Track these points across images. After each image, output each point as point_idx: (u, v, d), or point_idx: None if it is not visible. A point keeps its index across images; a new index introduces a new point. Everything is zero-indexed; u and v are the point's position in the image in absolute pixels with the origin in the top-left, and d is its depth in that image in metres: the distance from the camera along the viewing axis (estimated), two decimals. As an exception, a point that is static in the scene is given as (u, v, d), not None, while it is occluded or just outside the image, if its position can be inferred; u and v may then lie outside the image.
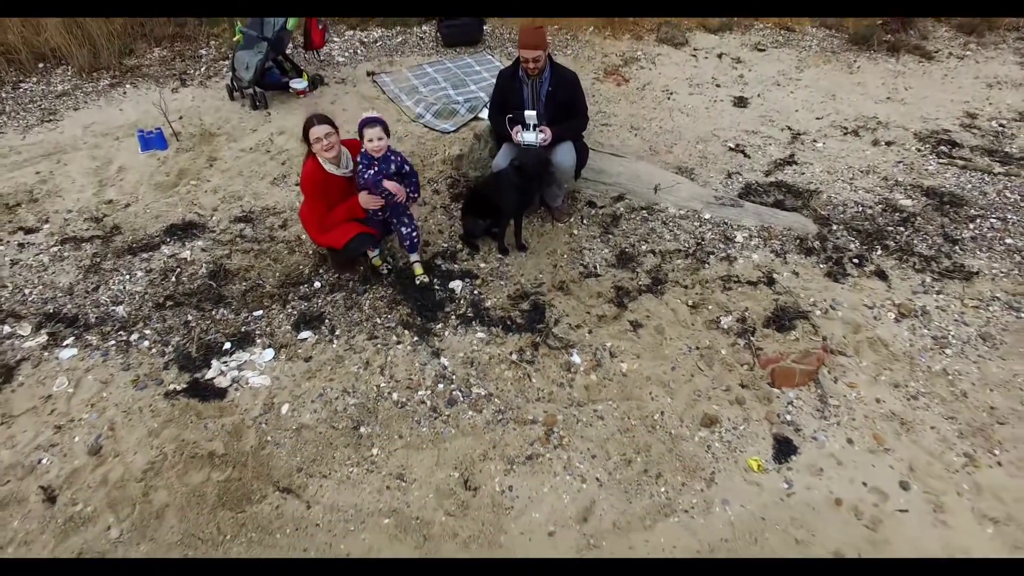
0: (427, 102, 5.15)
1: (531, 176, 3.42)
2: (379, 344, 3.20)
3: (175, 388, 2.98)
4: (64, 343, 3.21)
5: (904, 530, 2.45)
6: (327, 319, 3.34)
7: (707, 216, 3.98)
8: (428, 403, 2.93)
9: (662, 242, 3.82)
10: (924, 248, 3.71)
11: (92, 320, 3.34)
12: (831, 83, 5.46)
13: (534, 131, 3.49)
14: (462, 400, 2.94)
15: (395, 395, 2.97)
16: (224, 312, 3.39)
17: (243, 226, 4.00)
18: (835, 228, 3.88)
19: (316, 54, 5.80)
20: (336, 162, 3.14)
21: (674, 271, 3.61)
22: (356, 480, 2.64)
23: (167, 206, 4.18)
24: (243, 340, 3.22)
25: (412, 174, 3.33)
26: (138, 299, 3.47)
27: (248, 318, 3.35)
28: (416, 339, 3.23)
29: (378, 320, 3.34)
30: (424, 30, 6.35)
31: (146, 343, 3.21)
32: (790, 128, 4.89)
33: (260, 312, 3.38)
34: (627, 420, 2.86)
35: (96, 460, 2.68)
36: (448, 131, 4.88)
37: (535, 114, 3.48)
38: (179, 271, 3.65)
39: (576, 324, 3.30)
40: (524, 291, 3.50)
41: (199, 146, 4.76)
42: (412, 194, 3.37)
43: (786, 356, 3.08)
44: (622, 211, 4.05)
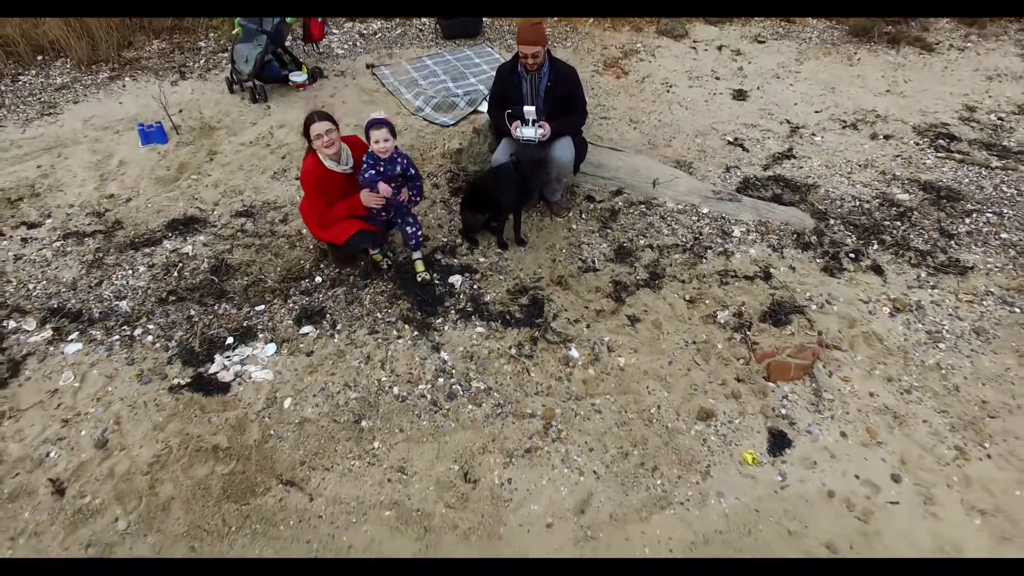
0: (426, 95, 5.16)
1: (529, 174, 3.44)
2: (380, 339, 3.24)
3: (179, 383, 3.02)
4: (69, 338, 3.25)
5: (895, 522, 2.50)
6: (328, 314, 3.38)
7: (705, 211, 4.00)
8: (428, 397, 2.98)
9: (660, 237, 3.84)
10: (920, 243, 3.73)
11: (96, 315, 3.38)
12: (831, 75, 5.46)
13: (533, 126, 3.51)
14: (462, 394, 2.99)
15: (396, 389, 3.01)
16: (226, 307, 3.43)
17: (244, 221, 4.03)
18: (832, 223, 3.91)
19: (315, 47, 5.79)
20: (336, 159, 3.16)
21: (672, 266, 3.64)
22: (358, 473, 2.69)
23: (168, 200, 4.21)
24: (245, 335, 3.26)
25: (416, 177, 3.35)
26: (141, 294, 3.51)
27: (250, 313, 3.39)
28: (416, 334, 3.27)
29: (379, 315, 3.38)
30: (423, 22, 6.32)
31: (150, 338, 3.25)
32: (789, 121, 4.90)
33: (262, 307, 3.42)
34: (624, 414, 2.90)
35: (103, 453, 2.73)
36: (447, 124, 4.89)
37: (534, 109, 3.49)
38: (181, 266, 3.69)
39: (574, 319, 3.34)
40: (523, 286, 3.53)
41: (199, 140, 4.78)
42: (415, 197, 3.39)
43: (782, 351, 3.12)
44: (620, 205, 4.08)
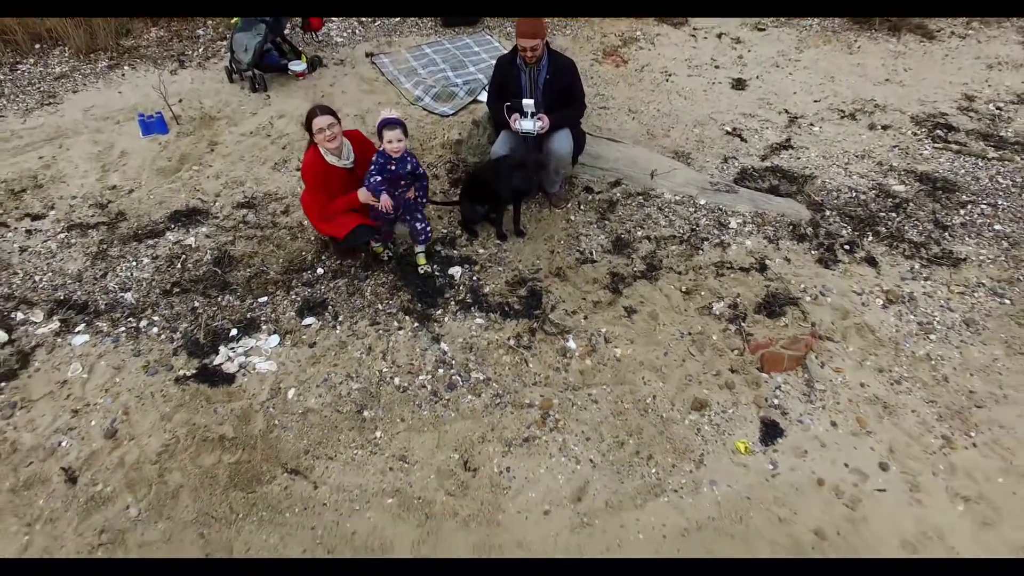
0: (426, 84, 5.16)
1: (525, 176, 3.49)
2: (381, 330, 3.31)
3: (185, 374, 3.09)
4: (76, 329, 3.31)
5: (881, 509, 2.58)
6: (330, 305, 3.44)
7: (702, 202, 4.04)
8: (429, 387, 3.05)
9: (657, 228, 3.89)
10: (915, 234, 3.77)
11: (102, 307, 3.44)
12: (830, 64, 5.45)
13: (532, 119, 3.53)
14: (461, 384, 3.06)
15: (397, 380, 3.08)
16: (230, 298, 3.48)
17: (246, 212, 4.07)
18: (828, 214, 3.94)
19: (314, 35, 5.78)
20: (337, 153, 3.19)
21: (668, 257, 3.69)
22: (360, 462, 2.76)
23: (170, 192, 4.24)
24: (249, 326, 3.32)
25: (423, 176, 3.42)
26: (145, 286, 3.57)
27: (253, 304, 3.45)
28: (417, 325, 3.33)
29: (380, 306, 3.43)
30: (422, 9, 6.29)
31: (155, 329, 3.32)
32: (787, 111, 4.91)
33: (265, 298, 3.48)
34: (620, 404, 2.97)
35: (112, 443, 2.81)
36: (447, 114, 4.90)
37: (533, 102, 3.52)
38: (184, 258, 3.74)
39: (572, 310, 3.40)
40: (522, 277, 3.59)
41: (199, 130, 4.79)
42: (421, 197, 3.46)
43: (775, 342, 3.18)
44: (619, 197, 4.11)
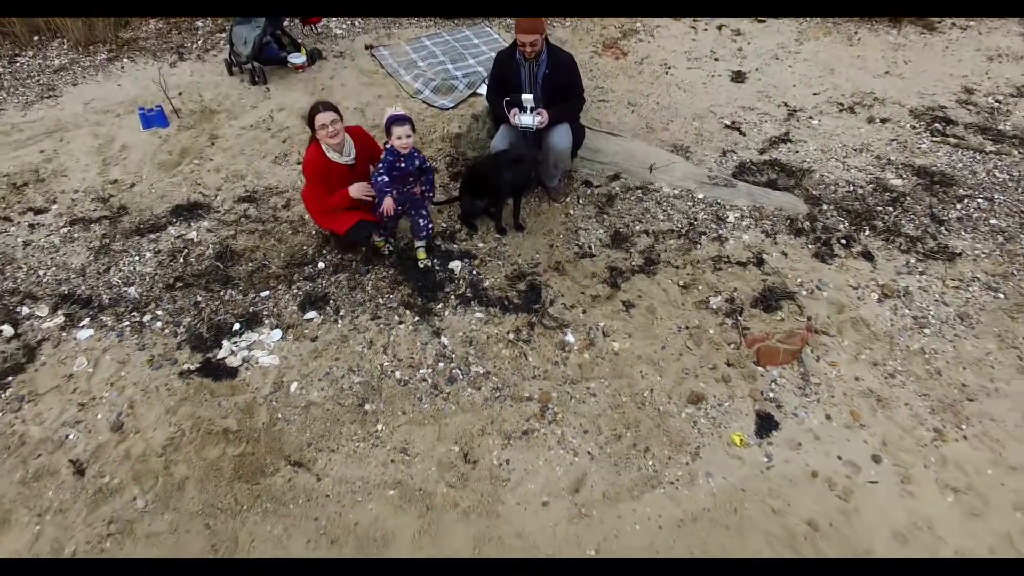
0: (425, 77, 5.16)
1: (524, 171, 3.51)
2: (382, 324, 3.35)
3: (189, 368, 3.13)
4: (81, 324, 3.35)
5: (873, 500, 2.63)
6: (332, 299, 3.47)
7: (700, 196, 4.06)
8: (429, 381, 3.09)
9: (656, 222, 3.91)
10: (911, 229, 3.80)
11: (106, 301, 3.48)
12: (830, 56, 5.44)
13: (531, 114, 3.55)
14: (461, 378, 3.10)
15: (398, 373, 3.12)
16: (232, 293, 3.52)
17: (247, 206, 4.09)
18: (825, 208, 3.97)
19: (313, 28, 5.76)
20: (339, 149, 3.21)
21: (666, 251, 3.72)
22: (362, 454, 2.82)
23: (171, 186, 4.27)
24: (251, 320, 3.36)
25: (429, 171, 3.47)
26: (148, 280, 3.60)
27: (255, 299, 3.49)
28: (417, 319, 3.37)
29: (380, 300, 3.47)
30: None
31: (159, 324, 3.36)
32: (787, 104, 4.91)
33: (267, 293, 3.52)
34: (618, 397, 3.02)
35: (119, 436, 2.86)
36: (447, 107, 4.91)
37: (532, 97, 3.53)
38: (187, 252, 3.77)
39: (571, 304, 3.43)
40: (521, 271, 3.62)
41: (200, 123, 4.80)
42: (428, 193, 3.50)
43: (771, 336, 3.22)
44: (617, 191, 4.13)
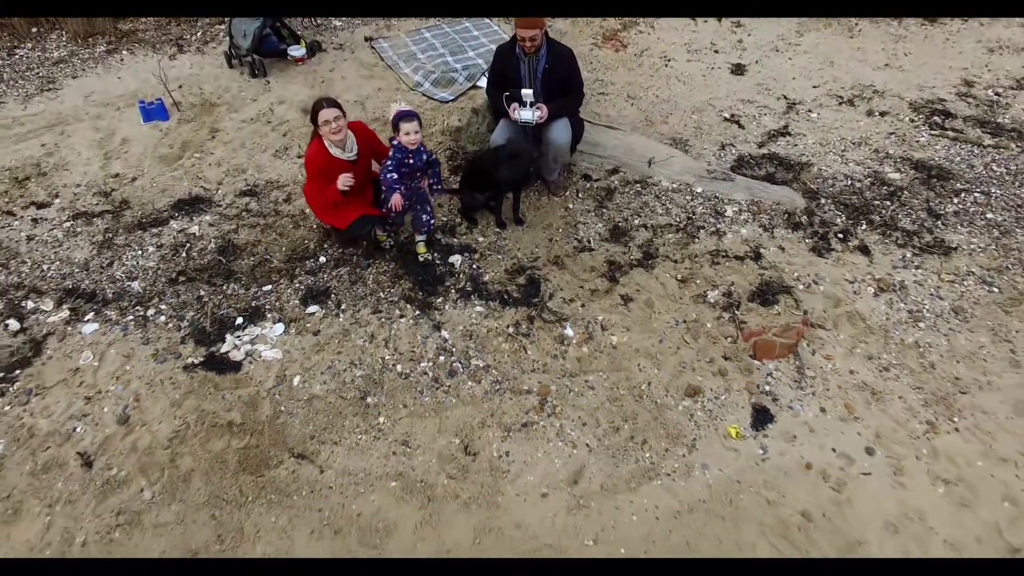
0: (425, 70, 5.16)
1: (523, 165, 3.53)
2: (383, 318, 3.38)
3: (193, 362, 3.18)
4: (86, 318, 3.39)
5: (866, 491, 2.68)
6: (333, 294, 3.51)
7: (699, 190, 4.08)
8: (430, 374, 3.14)
9: (654, 216, 3.94)
10: (908, 223, 3.83)
11: (110, 295, 3.52)
12: (830, 48, 5.44)
13: (531, 109, 3.57)
14: (462, 371, 3.14)
15: (399, 367, 3.17)
16: (234, 287, 3.56)
17: (248, 200, 4.12)
18: (823, 202, 3.99)
19: (313, 20, 5.75)
20: (341, 145, 3.23)
21: (665, 245, 3.75)
22: (364, 446, 2.87)
23: (173, 180, 4.29)
24: (254, 315, 3.40)
25: (435, 163, 3.53)
26: (151, 274, 3.64)
27: (258, 293, 3.52)
28: (418, 313, 3.40)
29: (381, 294, 3.51)
30: (421, -9, 6.24)
31: (163, 318, 3.39)
32: (786, 97, 4.92)
33: (269, 287, 3.55)
34: (616, 390, 3.06)
35: (125, 429, 2.91)
36: (447, 100, 4.91)
37: (532, 92, 3.55)
38: (189, 246, 3.80)
39: (570, 298, 3.47)
40: (521, 265, 3.65)
41: (200, 117, 4.82)
42: (435, 186, 3.56)
43: (768, 330, 3.25)
44: (616, 185, 4.15)
